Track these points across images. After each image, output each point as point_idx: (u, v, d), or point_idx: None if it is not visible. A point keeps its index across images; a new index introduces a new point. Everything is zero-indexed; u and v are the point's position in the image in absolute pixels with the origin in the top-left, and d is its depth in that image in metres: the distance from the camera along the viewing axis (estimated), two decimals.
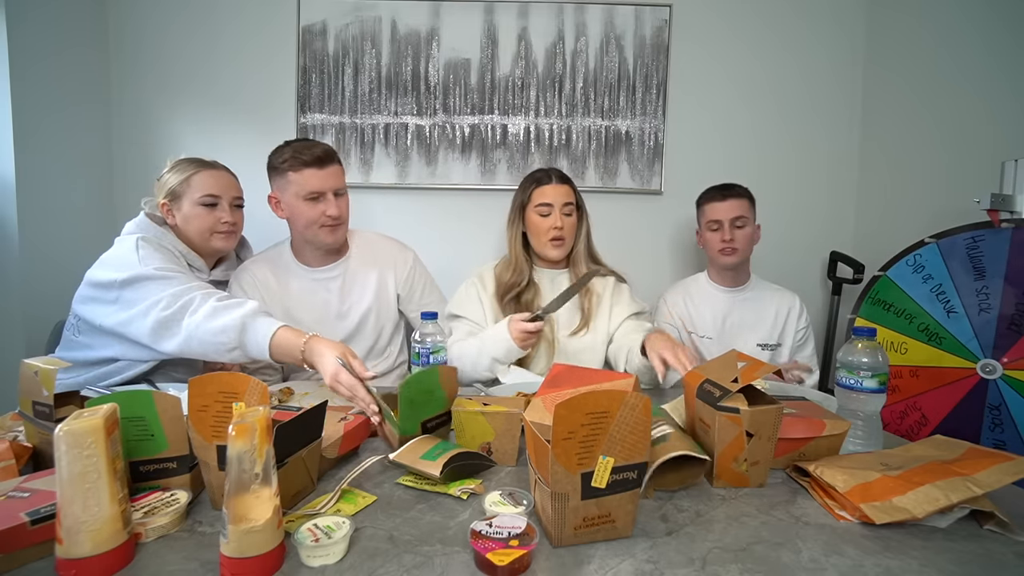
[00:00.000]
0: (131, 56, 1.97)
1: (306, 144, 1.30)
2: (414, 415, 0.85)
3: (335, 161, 1.32)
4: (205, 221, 1.28)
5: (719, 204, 1.59)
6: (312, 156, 1.27)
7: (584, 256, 1.46)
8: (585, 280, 1.31)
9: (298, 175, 1.28)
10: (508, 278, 1.42)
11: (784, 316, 1.61)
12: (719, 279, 1.65)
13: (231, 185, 1.33)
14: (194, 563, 0.57)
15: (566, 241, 1.41)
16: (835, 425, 0.83)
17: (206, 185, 1.27)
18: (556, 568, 0.58)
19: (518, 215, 1.45)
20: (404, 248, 1.53)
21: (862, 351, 0.89)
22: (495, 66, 2.00)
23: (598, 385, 0.76)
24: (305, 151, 1.28)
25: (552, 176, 1.43)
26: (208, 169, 1.30)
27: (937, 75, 1.75)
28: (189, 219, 1.27)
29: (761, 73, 2.04)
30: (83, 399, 0.87)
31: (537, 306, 1.39)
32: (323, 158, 1.28)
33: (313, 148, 1.29)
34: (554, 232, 1.39)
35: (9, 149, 1.60)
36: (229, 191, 1.31)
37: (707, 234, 1.63)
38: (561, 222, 1.39)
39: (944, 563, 0.60)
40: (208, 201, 1.27)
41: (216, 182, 1.29)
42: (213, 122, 2.00)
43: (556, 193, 1.40)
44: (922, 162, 1.80)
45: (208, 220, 1.28)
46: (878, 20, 1.99)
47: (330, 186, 1.29)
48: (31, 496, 0.61)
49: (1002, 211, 1.33)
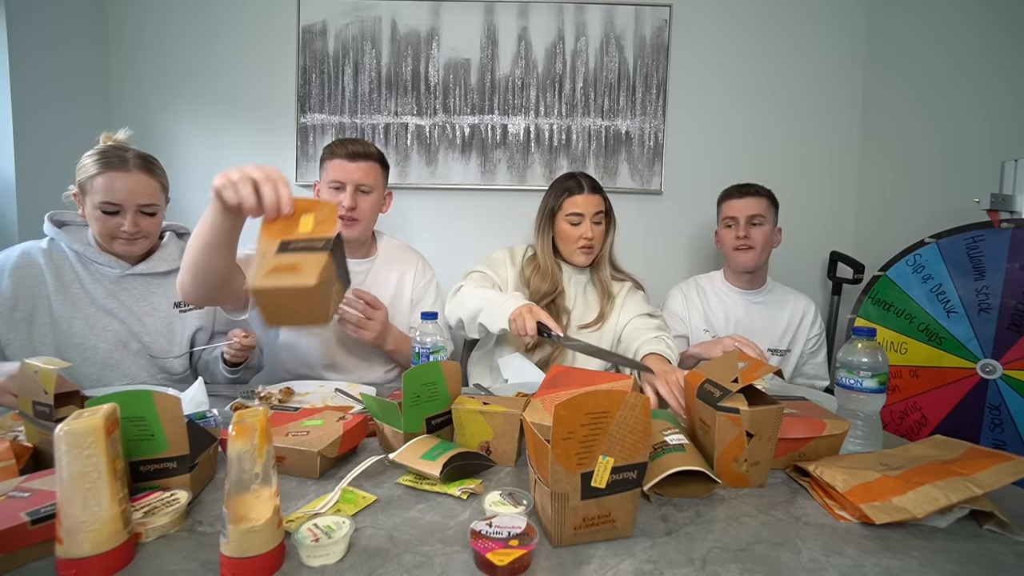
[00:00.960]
0: (131, 55, 1.97)
1: (350, 140, 1.36)
2: (418, 410, 0.85)
3: (371, 160, 1.35)
4: (103, 227, 1.17)
5: (737, 201, 1.57)
6: (345, 150, 1.32)
7: (606, 260, 1.49)
8: (629, 362, 1.20)
9: (330, 163, 1.34)
10: (544, 287, 1.41)
11: (797, 322, 1.59)
12: (734, 280, 1.63)
13: (138, 191, 1.18)
14: (194, 563, 0.57)
15: (594, 249, 1.44)
16: (835, 425, 0.83)
17: (106, 191, 1.15)
18: (556, 568, 0.58)
19: (548, 221, 1.46)
20: (427, 264, 1.56)
21: (862, 351, 0.89)
22: (495, 66, 2.00)
23: (598, 385, 0.77)
24: (342, 145, 1.33)
25: (584, 185, 1.43)
26: (114, 171, 1.15)
27: (937, 75, 1.75)
28: (89, 219, 1.19)
29: (761, 73, 2.04)
30: (83, 399, 0.86)
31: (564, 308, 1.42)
32: (354, 153, 1.32)
33: (350, 144, 1.33)
34: (583, 241, 1.41)
35: (9, 147, 1.61)
36: (134, 198, 1.17)
37: (723, 231, 1.61)
38: (591, 232, 1.40)
39: (944, 563, 0.60)
40: (107, 209, 1.16)
41: (119, 188, 1.15)
42: (213, 122, 2.00)
43: (588, 203, 1.41)
44: (922, 162, 1.80)
45: (106, 226, 1.17)
46: (878, 20, 2.00)
47: (353, 179, 1.32)
48: (31, 496, 0.61)
49: (1002, 211, 1.33)
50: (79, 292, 1.21)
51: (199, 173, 2.01)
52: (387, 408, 0.86)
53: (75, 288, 1.20)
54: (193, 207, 2.02)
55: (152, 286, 1.28)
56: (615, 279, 1.50)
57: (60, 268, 1.20)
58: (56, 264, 1.20)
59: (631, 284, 1.51)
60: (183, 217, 1.99)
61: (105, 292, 1.22)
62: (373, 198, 1.36)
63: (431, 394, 0.87)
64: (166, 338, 1.27)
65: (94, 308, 1.21)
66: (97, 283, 1.22)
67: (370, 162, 1.34)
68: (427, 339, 1.04)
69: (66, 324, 1.19)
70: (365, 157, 1.33)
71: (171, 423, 0.70)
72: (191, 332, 1.31)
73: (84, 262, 1.22)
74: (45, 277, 1.19)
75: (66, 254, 1.22)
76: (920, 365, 1.35)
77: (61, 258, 1.21)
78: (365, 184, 1.34)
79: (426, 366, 0.87)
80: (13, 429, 0.86)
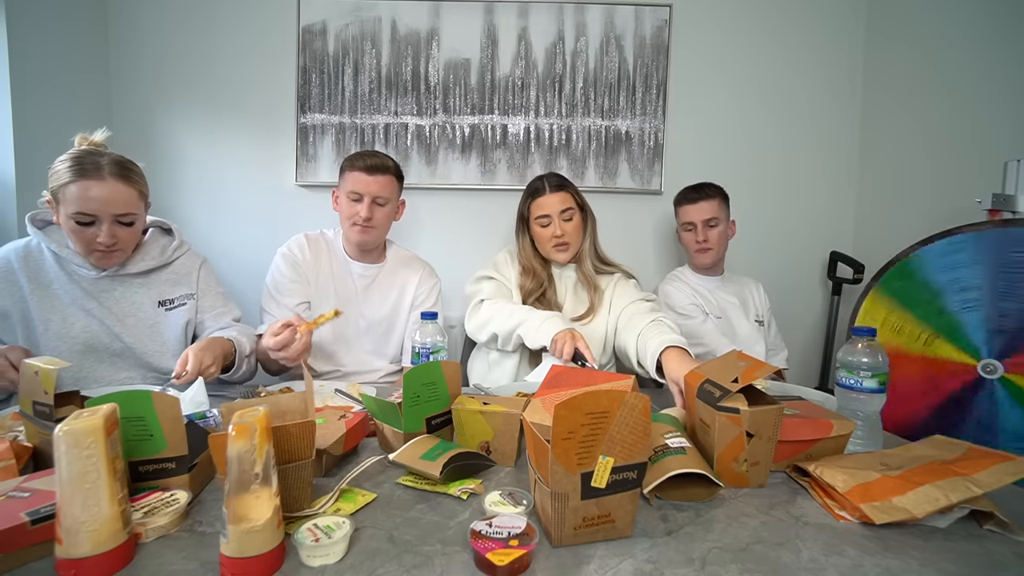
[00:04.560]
0: (131, 55, 1.97)
1: (370, 153, 1.43)
2: (418, 409, 0.85)
3: (388, 174, 1.41)
4: (79, 238, 1.13)
5: (691, 207, 1.70)
6: (364, 163, 1.39)
7: (590, 253, 1.49)
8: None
9: (350, 174, 1.40)
10: (528, 285, 1.45)
11: (757, 297, 1.79)
12: (702, 271, 1.77)
13: (113, 201, 1.12)
14: (194, 563, 0.57)
15: (571, 245, 1.45)
16: (842, 425, 0.83)
17: (79, 201, 1.09)
18: (556, 568, 0.58)
19: (523, 227, 1.51)
20: (433, 272, 1.60)
21: (862, 351, 0.89)
22: (495, 66, 1.99)
23: (598, 385, 0.76)
24: (362, 158, 1.40)
25: (547, 186, 1.45)
26: (88, 179, 1.09)
27: (937, 74, 1.75)
28: (64, 230, 1.14)
29: (761, 73, 2.04)
30: (83, 399, 0.87)
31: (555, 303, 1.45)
32: (373, 167, 1.39)
33: (369, 157, 1.40)
34: (555, 240, 1.43)
35: (9, 147, 1.61)
36: (109, 208, 1.11)
37: (684, 234, 1.75)
38: (561, 229, 1.42)
39: (944, 563, 0.60)
40: (81, 220, 1.10)
41: (93, 197, 1.09)
42: (212, 122, 2.00)
43: (552, 203, 1.43)
44: (922, 162, 1.80)
45: (82, 238, 1.12)
46: (879, 20, 1.99)
47: (371, 191, 1.39)
48: (31, 496, 0.61)
49: (1004, 211, 1.33)
50: (57, 293, 1.19)
51: (199, 173, 2.01)
52: (387, 408, 0.86)
53: (54, 289, 1.19)
54: (193, 207, 2.03)
55: (134, 286, 1.25)
56: (602, 272, 1.51)
57: (38, 270, 1.19)
58: (33, 266, 1.19)
59: (620, 274, 1.52)
60: (183, 217, 2.00)
61: (83, 293, 1.20)
62: (388, 209, 1.44)
63: (431, 394, 0.87)
64: (150, 338, 1.25)
65: (73, 308, 1.19)
66: (75, 284, 1.20)
67: (388, 176, 1.41)
68: (427, 339, 1.04)
69: (42, 326, 1.17)
70: (383, 171, 1.40)
71: (170, 423, 0.70)
72: (179, 330, 1.29)
73: (62, 263, 1.20)
74: (19, 280, 1.17)
75: (45, 255, 1.20)
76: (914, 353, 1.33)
77: (39, 259, 1.20)
78: (381, 197, 1.41)
79: (426, 366, 0.87)
80: (13, 429, 0.86)
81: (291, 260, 1.44)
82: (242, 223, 2.03)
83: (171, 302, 1.29)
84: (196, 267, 1.35)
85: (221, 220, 2.03)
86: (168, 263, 1.30)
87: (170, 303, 1.29)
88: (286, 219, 1.98)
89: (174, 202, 2.01)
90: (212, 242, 1.99)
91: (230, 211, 2.02)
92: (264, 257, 1.51)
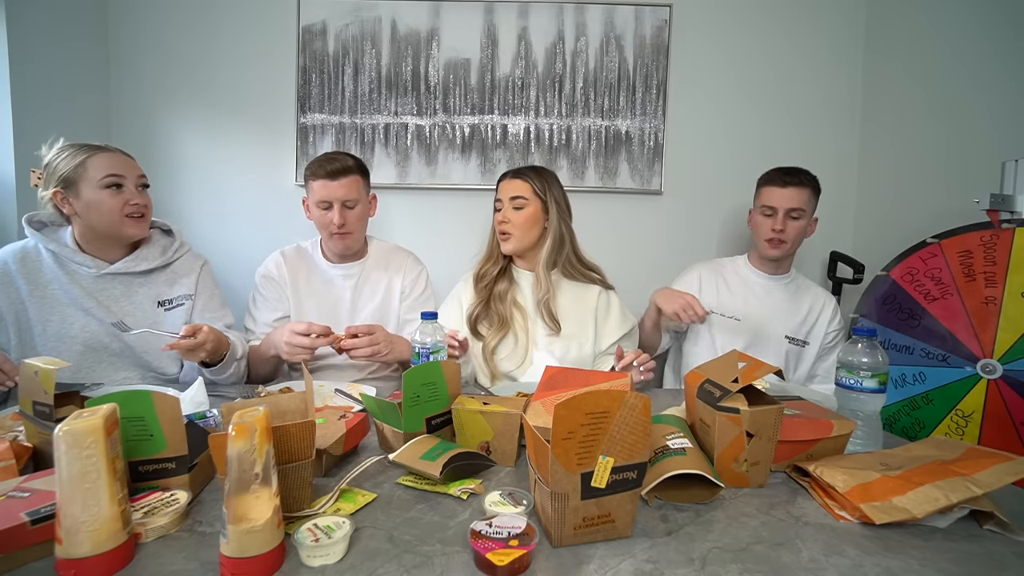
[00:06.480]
0: (131, 55, 1.97)
1: (328, 157, 1.39)
2: (418, 410, 0.85)
3: (350, 174, 1.38)
4: (112, 205, 1.16)
5: (779, 190, 1.47)
6: (324, 170, 1.36)
7: (546, 260, 1.37)
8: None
9: (314, 183, 1.38)
10: (485, 267, 1.44)
11: (817, 314, 1.53)
12: (759, 264, 1.58)
13: (132, 164, 1.22)
14: (194, 563, 0.57)
15: (512, 236, 1.37)
16: (842, 425, 0.83)
17: (106, 165, 1.16)
18: (556, 568, 0.58)
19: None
20: (418, 261, 1.58)
21: (862, 351, 0.89)
22: (495, 66, 1.99)
23: (597, 385, 0.77)
24: (322, 165, 1.37)
25: (509, 173, 1.42)
26: (101, 152, 1.18)
27: (937, 74, 1.75)
28: (92, 206, 1.15)
29: (761, 73, 2.04)
30: (83, 399, 0.87)
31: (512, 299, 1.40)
32: (334, 172, 1.36)
33: (329, 163, 1.37)
34: (500, 227, 1.39)
35: (9, 148, 1.60)
36: (132, 171, 1.21)
37: (758, 217, 1.52)
38: (507, 217, 1.38)
39: (944, 563, 0.60)
40: (112, 182, 1.16)
41: (117, 162, 1.18)
42: (213, 121, 2.00)
43: (504, 189, 1.40)
44: (922, 162, 1.80)
45: (115, 203, 1.16)
46: (878, 20, 1.99)
47: (337, 196, 1.36)
48: (31, 496, 0.61)
49: (1002, 211, 1.33)
50: (56, 293, 1.19)
51: (199, 173, 2.01)
52: (387, 408, 0.86)
53: (52, 289, 1.19)
54: (192, 207, 2.03)
55: (134, 285, 1.26)
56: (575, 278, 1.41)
57: (36, 271, 1.19)
58: (31, 267, 1.19)
59: (600, 289, 1.42)
60: (183, 216, 2.00)
61: (83, 292, 1.20)
62: (359, 210, 1.42)
63: (431, 394, 0.87)
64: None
65: (72, 308, 1.19)
66: (75, 283, 1.20)
67: (351, 176, 1.38)
68: (427, 339, 1.04)
69: (41, 327, 1.17)
70: (345, 173, 1.37)
71: (170, 423, 0.70)
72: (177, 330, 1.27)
73: (61, 263, 1.20)
74: (16, 282, 1.17)
75: (43, 256, 1.20)
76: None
77: (37, 260, 1.20)
78: (350, 200, 1.39)
79: (426, 366, 0.87)
80: (13, 429, 0.86)
81: (268, 279, 1.45)
82: (242, 223, 2.02)
83: (170, 302, 1.29)
84: (197, 268, 1.35)
85: (221, 220, 2.02)
86: (168, 263, 1.31)
87: (169, 303, 1.29)
88: (286, 219, 1.98)
89: (174, 202, 2.01)
90: (212, 242, 1.99)
91: (230, 211, 2.02)
92: (264, 257, 1.51)
